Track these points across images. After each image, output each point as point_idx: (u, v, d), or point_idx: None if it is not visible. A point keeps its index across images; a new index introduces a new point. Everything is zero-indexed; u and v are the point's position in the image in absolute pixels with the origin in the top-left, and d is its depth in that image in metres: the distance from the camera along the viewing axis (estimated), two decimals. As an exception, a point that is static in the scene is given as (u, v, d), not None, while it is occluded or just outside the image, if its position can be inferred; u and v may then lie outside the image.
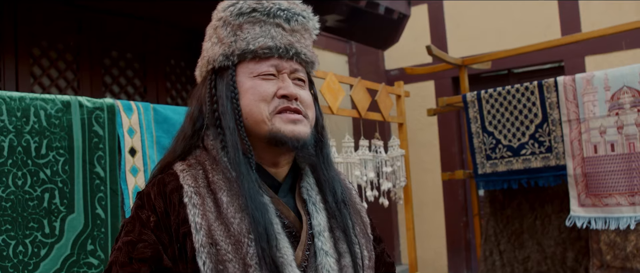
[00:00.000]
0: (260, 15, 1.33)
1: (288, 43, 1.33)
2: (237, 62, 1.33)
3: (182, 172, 1.27)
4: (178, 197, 1.23)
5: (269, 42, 1.31)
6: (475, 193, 4.07)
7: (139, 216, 1.24)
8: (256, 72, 1.31)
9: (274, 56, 1.31)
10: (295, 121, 1.29)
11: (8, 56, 3.71)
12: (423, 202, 6.34)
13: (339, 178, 1.44)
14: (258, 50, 1.31)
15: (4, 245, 1.85)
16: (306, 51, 1.36)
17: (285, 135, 1.27)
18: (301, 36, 1.36)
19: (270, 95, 1.30)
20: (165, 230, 1.21)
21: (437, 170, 6.23)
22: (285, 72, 1.32)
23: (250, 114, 1.29)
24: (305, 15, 1.38)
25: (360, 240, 1.37)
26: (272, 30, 1.32)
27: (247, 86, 1.31)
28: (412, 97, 5.79)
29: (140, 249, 1.18)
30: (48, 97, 2.01)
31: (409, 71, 4.45)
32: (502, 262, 3.78)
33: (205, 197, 1.23)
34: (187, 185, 1.24)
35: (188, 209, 1.21)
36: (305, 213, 1.32)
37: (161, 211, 1.23)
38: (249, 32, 1.32)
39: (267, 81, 1.31)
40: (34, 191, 1.93)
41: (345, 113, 3.65)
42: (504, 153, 3.54)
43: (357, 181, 3.65)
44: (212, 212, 1.21)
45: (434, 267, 6.33)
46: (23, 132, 1.93)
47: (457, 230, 6.24)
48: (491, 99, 3.59)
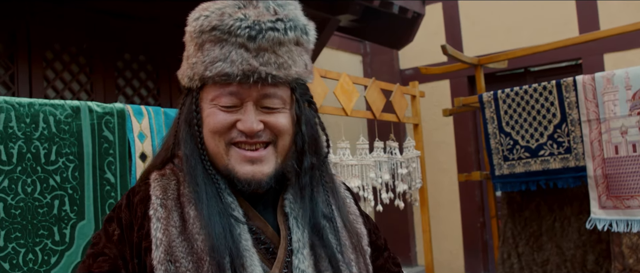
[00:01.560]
0: (220, 34, 1.16)
1: (248, 68, 1.15)
2: (200, 85, 1.22)
3: (154, 181, 1.22)
4: (143, 209, 1.18)
5: (226, 69, 1.15)
6: (492, 194, 4.00)
7: (106, 229, 1.21)
8: (216, 100, 1.19)
9: (233, 83, 1.16)
10: (252, 160, 1.18)
11: (21, 60, 3.71)
12: (439, 203, 6.27)
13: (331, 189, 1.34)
14: (215, 77, 1.16)
15: (14, 253, 1.83)
16: (276, 73, 1.17)
17: (237, 177, 1.18)
18: (272, 53, 1.17)
19: (225, 128, 1.18)
20: (127, 243, 1.17)
21: (453, 170, 6.16)
22: (248, 100, 1.18)
23: (208, 146, 1.21)
24: (279, 26, 1.17)
25: (348, 256, 1.26)
26: (233, 53, 1.15)
27: (206, 114, 1.21)
28: (427, 97, 5.73)
29: (99, 262, 1.15)
30: (57, 103, 1.98)
31: (424, 70, 4.39)
32: (520, 265, 3.71)
33: (171, 210, 1.17)
34: (155, 196, 1.18)
35: (152, 222, 1.15)
36: (285, 228, 1.23)
37: (126, 223, 1.18)
38: (208, 55, 1.17)
39: (226, 111, 1.19)
40: (43, 198, 1.91)
41: (359, 115, 3.60)
42: (521, 154, 3.47)
43: (372, 183, 3.60)
44: (177, 227, 1.15)
45: (450, 269, 6.26)
46: (32, 138, 1.90)
47: (473, 231, 6.16)
48: (508, 99, 3.52)
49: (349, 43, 6.47)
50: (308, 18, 1.27)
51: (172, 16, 4.38)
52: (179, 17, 4.53)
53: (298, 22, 1.22)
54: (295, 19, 1.21)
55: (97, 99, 4.07)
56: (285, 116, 1.23)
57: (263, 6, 1.18)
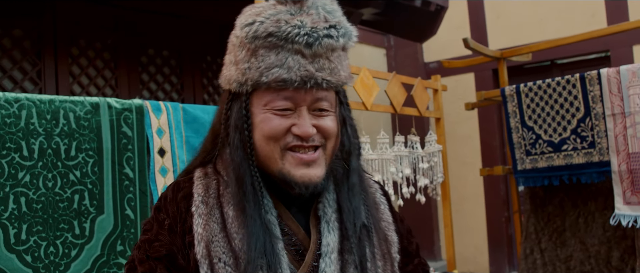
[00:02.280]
0: (276, 41, 1.17)
1: (306, 74, 1.17)
2: (251, 91, 1.21)
3: (197, 179, 1.26)
4: (186, 205, 1.22)
5: (283, 75, 1.16)
6: (515, 189, 3.96)
7: (157, 217, 1.24)
8: (269, 105, 1.19)
9: (290, 88, 1.18)
10: (308, 163, 1.20)
11: (48, 56, 3.79)
12: (463, 196, 6.22)
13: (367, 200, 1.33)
14: (271, 83, 1.17)
15: (36, 246, 1.88)
16: (330, 78, 1.20)
17: (294, 180, 1.19)
18: (326, 59, 1.19)
19: (281, 133, 1.19)
20: (177, 233, 1.21)
21: (477, 164, 6.10)
22: (302, 105, 1.20)
23: (261, 151, 1.21)
24: (333, 33, 1.19)
25: (376, 263, 1.27)
26: (290, 59, 1.17)
27: (259, 119, 1.20)
28: (451, 90, 5.69)
29: (156, 247, 1.19)
30: (77, 100, 2.02)
31: (446, 64, 4.35)
32: (543, 261, 3.67)
33: (213, 208, 1.20)
34: (197, 193, 1.22)
35: (194, 218, 1.19)
36: (317, 232, 1.24)
37: (173, 215, 1.22)
38: (263, 60, 1.18)
39: (281, 116, 1.19)
40: (64, 192, 1.96)
41: (380, 109, 3.59)
42: (544, 149, 3.42)
43: (393, 177, 3.60)
44: (218, 223, 1.18)
45: (475, 263, 6.22)
46: (53, 134, 1.95)
47: (498, 225, 6.11)
48: (531, 93, 3.47)
49: (373, 36, 6.45)
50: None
51: (195, 11, 4.43)
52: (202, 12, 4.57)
53: (347, 28, 1.24)
54: (345, 26, 1.24)
55: (121, 94, 4.14)
56: (333, 119, 1.25)
57: (315, 12, 1.20)
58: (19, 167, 1.86)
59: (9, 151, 1.85)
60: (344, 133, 1.29)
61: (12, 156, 1.85)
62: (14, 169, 1.85)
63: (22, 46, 3.71)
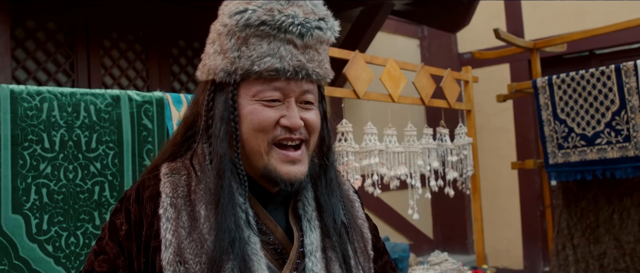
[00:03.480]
0: (269, 30, 1.15)
1: (298, 65, 1.17)
2: (239, 80, 1.18)
3: (164, 176, 1.20)
4: (153, 207, 1.16)
5: (276, 64, 1.15)
6: (546, 183, 3.86)
7: (113, 222, 1.19)
8: (259, 96, 1.17)
9: (281, 78, 1.16)
10: (294, 161, 1.18)
11: (80, 48, 3.86)
12: (497, 189, 6.12)
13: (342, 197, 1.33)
14: (263, 72, 1.15)
15: (57, 236, 1.92)
16: (319, 70, 1.21)
17: (280, 176, 1.17)
18: (315, 51, 1.20)
19: (270, 125, 1.17)
20: (135, 239, 1.16)
21: (512, 157, 5.98)
22: (291, 96, 1.18)
23: (248, 143, 1.18)
24: (323, 26, 1.20)
25: (359, 259, 1.27)
26: (282, 49, 1.16)
27: (247, 110, 1.18)
28: (486, 81, 5.58)
29: (100, 262, 1.16)
30: (98, 92, 2.05)
31: (478, 55, 4.27)
32: (575, 257, 3.58)
33: (181, 210, 1.15)
34: (165, 194, 1.17)
35: (161, 222, 1.14)
36: (298, 230, 1.23)
37: (135, 219, 1.17)
38: (255, 49, 1.16)
39: (270, 107, 1.17)
40: (84, 184, 1.99)
41: (407, 101, 3.54)
42: (577, 142, 3.33)
43: (420, 170, 3.55)
44: (186, 228, 1.13)
45: (508, 257, 6.12)
46: (74, 127, 1.98)
47: (533, 219, 5.98)
48: (563, 85, 3.38)
49: (406, 27, 6.36)
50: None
51: (224, 3, 4.44)
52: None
53: (334, 23, 1.24)
54: (332, 20, 1.24)
55: (152, 86, 4.19)
56: (316, 113, 1.24)
57: (304, 4, 1.20)
58: (40, 159, 1.90)
59: (31, 143, 1.89)
60: (324, 127, 1.29)
61: (33, 148, 1.89)
62: (35, 160, 1.89)
63: (55, 39, 3.78)
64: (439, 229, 6.44)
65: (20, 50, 3.63)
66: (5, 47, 3.42)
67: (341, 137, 3.08)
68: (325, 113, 1.30)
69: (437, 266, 3.77)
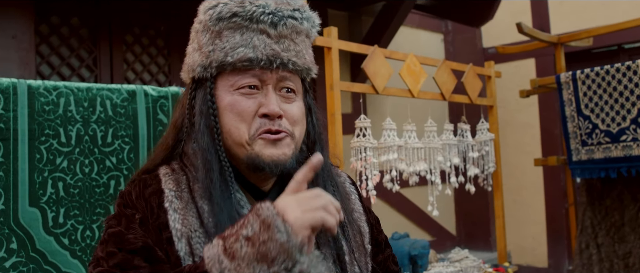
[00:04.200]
0: (241, 21, 1.17)
1: (272, 53, 1.17)
2: (215, 74, 1.20)
3: (164, 176, 1.20)
4: (157, 201, 1.15)
5: (249, 54, 1.16)
6: (570, 180, 3.79)
7: (124, 212, 1.16)
8: (236, 85, 1.18)
9: (255, 68, 1.17)
10: (275, 142, 1.17)
11: (103, 43, 3.91)
12: (522, 186, 6.03)
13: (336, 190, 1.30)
14: (237, 62, 1.16)
15: (73, 229, 1.94)
16: (296, 59, 1.21)
17: (263, 160, 1.16)
18: (291, 41, 1.20)
19: (250, 115, 1.17)
20: (150, 230, 1.13)
21: (537, 153, 5.89)
22: (269, 83, 1.19)
23: (229, 135, 1.18)
24: (297, 15, 1.21)
25: (354, 254, 1.25)
26: (255, 39, 1.17)
27: (226, 102, 1.18)
28: (511, 76, 5.50)
29: (130, 240, 1.10)
30: (114, 88, 2.07)
31: (501, 50, 4.21)
32: (599, 256, 3.51)
33: (188, 202, 1.15)
34: (168, 188, 1.17)
35: (169, 214, 1.13)
36: None
37: (143, 212, 1.15)
38: (227, 41, 1.17)
39: (248, 96, 1.18)
40: (100, 178, 2.01)
41: (427, 96, 3.51)
42: (601, 139, 3.26)
43: (440, 166, 3.52)
44: (196, 218, 1.14)
45: (532, 255, 6.03)
46: (90, 121, 2.00)
47: (558, 216, 5.88)
48: (588, 80, 3.31)
49: (430, 21, 6.30)
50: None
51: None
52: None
53: (310, 14, 1.25)
54: (308, 11, 1.25)
55: (174, 81, 4.22)
56: (299, 105, 1.24)
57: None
58: (57, 153, 1.93)
59: (48, 137, 1.91)
60: (309, 121, 1.29)
61: (50, 142, 1.92)
62: (52, 155, 1.92)
63: (79, 34, 3.83)
64: (462, 225, 6.38)
65: (44, 45, 3.68)
66: (30, 43, 3.47)
67: (359, 132, 3.07)
68: (310, 107, 1.30)
69: (457, 263, 3.73)
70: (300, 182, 1.06)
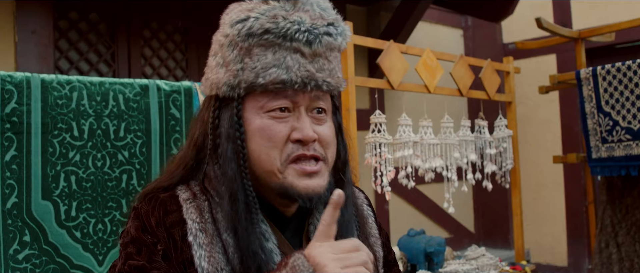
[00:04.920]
0: (274, 38, 1.07)
1: (306, 75, 1.08)
2: (243, 94, 1.11)
3: (186, 202, 1.12)
4: (180, 233, 1.08)
5: (282, 75, 1.07)
6: (589, 178, 3.73)
7: (144, 239, 1.08)
8: (266, 107, 1.09)
9: (288, 91, 1.09)
10: (311, 174, 1.10)
11: (121, 39, 3.93)
12: (541, 184, 5.95)
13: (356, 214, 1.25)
14: (268, 84, 1.08)
15: (85, 223, 1.96)
16: (330, 80, 1.12)
17: (298, 192, 1.08)
18: (325, 59, 1.12)
19: (282, 140, 1.09)
20: (173, 264, 1.06)
21: (556, 150, 5.80)
22: (301, 105, 1.10)
23: (259, 162, 1.10)
24: (332, 31, 1.11)
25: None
26: (288, 58, 1.08)
27: (256, 126, 1.10)
28: (531, 72, 5.42)
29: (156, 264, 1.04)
30: (126, 82, 2.07)
31: (520, 45, 4.15)
32: (619, 256, 3.45)
33: (213, 236, 1.08)
34: (191, 220, 1.09)
35: (193, 249, 1.06)
36: None
37: (165, 242, 1.08)
38: (259, 60, 1.08)
39: (279, 120, 1.10)
40: (112, 172, 2.02)
41: (444, 92, 3.47)
42: (622, 136, 3.19)
43: (457, 163, 3.48)
44: (222, 254, 1.07)
45: (552, 253, 5.95)
46: (102, 115, 2.01)
47: (578, 215, 5.79)
48: (609, 76, 3.24)
49: (449, 16, 6.24)
50: None
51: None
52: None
53: (344, 27, 1.17)
54: (342, 25, 1.16)
55: (191, 76, 4.24)
56: (330, 126, 1.17)
57: (310, 9, 1.12)
58: (69, 147, 1.94)
59: (61, 131, 1.93)
60: (339, 141, 1.21)
61: (63, 136, 1.93)
62: (65, 148, 1.93)
63: (97, 30, 3.86)
64: (481, 223, 6.32)
65: (63, 40, 3.72)
66: (49, 38, 3.51)
67: (375, 128, 3.05)
68: (340, 126, 1.22)
69: (473, 261, 3.70)
70: (329, 225, 1.00)
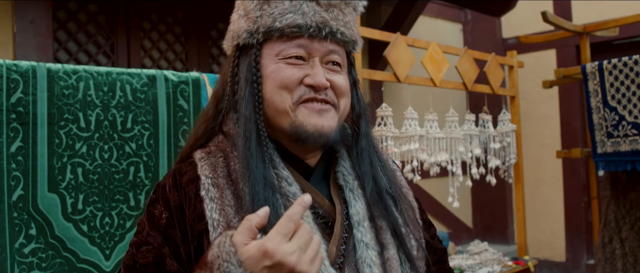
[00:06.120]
0: None
1: (321, 21, 1.14)
2: (262, 40, 1.16)
3: (200, 160, 1.15)
4: (194, 190, 1.11)
5: (298, 20, 1.13)
6: (593, 173, 3.71)
7: (151, 213, 1.14)
8: (282, 54, 1.15)
9: (304, 35, 1.14)
10: (320, 111, 1.14)
11: (120, 30, 3.87)
12: (540, 179, 5.94)
13: (381, 164, 1.27)
14: (285, 28, 1.13)
15: (92, 216, 1.91)
16: (344, 29, 1.18)
17: (307, 130, 1.12)
18: (340, 10, 1.17)
19: (294, 82, 1.13)
20: (178, 226, 1.10)
21: (556, 146, 5.79)
22: (316, 55, 1.15)
23: (272, 103, 1.14)
24: None
25: (409, 227, 1.21)
26: (304, 5, 1.14)
27: (270, 70, 1.15)
28: (531, 67, 5.40)
29: (143, 252, 1.09)
30: (134, 72, 2.03)
31: (523, 39, 4.12)
32: (623, 251, 3.43)
33: (224, 189, 1.10)
34: (205, 175, 1.11)
35: (205, 203, 1.08)
36: (341, 202, 1.18)
37: (175, 205, 1.11)
38: (276, 7, 1.14)
39: (294, 65, 1.14)
40: (119, 164, 1.97)
41: (449, 86, 3.44)
42: (628, 131, 3.17)
43: (461, 157, 3.45)
44: (232, 206, 1.08)
45: (550, 249, 5.95)
46: (109, 106, 1.96)
47: (577, 210, 5.79)
48: (615, 71, 3.22)
49: (449, 10, 6.21)
50: None
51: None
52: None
53: None
54: None
55: (191, 68, 4.19)
56: (345, 78, 1.21)
57: None
58: (76, 138, 1.89)
59: (67, 122, 1.88)
60: (354, 95, 1.26)
61: (69, 127, 1.88)
62: (71, 140, 1.88)
63: (96, 21, 3.80)
64: (479, 218, 6.31)
65: (62, 31, 3.65)
66: (48, 29, 3.45)
67: (381, 121, 3.01)
68: (355, 81, 1.27)
69: (476, 256, 3.68)
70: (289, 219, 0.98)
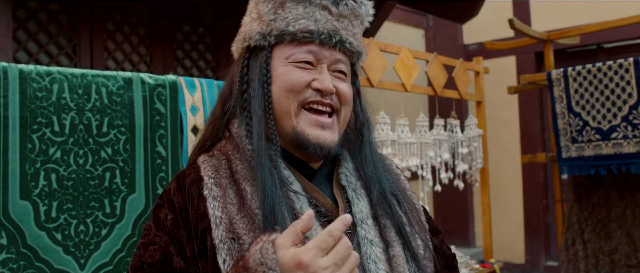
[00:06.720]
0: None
1: (332, 29, 1.20)
2: (274, 43, 1.21)
3: (203, 163, 1.19)
4: (197, 190, 1.14)
5: (310, 26, 1.18)
6: (557, 177, 3.80)
7: (157, 216, 1.17)
8: (291, 58, 1.20)
9: (315, 41, 1.19)
10: (323, 126, 1.18)
11: (83, 31, 3.76)
12: (500, 183, 6.06)
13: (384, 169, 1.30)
14: (297, 33, 1.19)
15: (66, 224, 1.83)
16: (352, 40, 1.23)
17: (308, 140, 1.17)
18: (349, 22, 1.23)
19: (302, 85, 1.18)
20: (183, 226, 1.13)
21: (516, 150, 5.93)
22: (324, 62, 1.20)
23: (278, 104, 1.19)
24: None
25: (414, 227, 1.24)
26: (317, 13, 1.20)
27: (280, 72, 1.20)
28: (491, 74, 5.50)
29: (150, 252, 1.12)
30: (110, 75, 1.96)
31: (489, 46, 4.19)
32: (585, 253, 3.53)
33: (226, 188, 1.13)
34: (207, 176, 1.15)
35: (208, 202, 1.11)
36: (344, 201, 1.21)
37: (180, 206, 1.15)
38: (290, 12, 1.20)
39: (302, 69, 1.19)
40: (95, 170, 1.90)
41: (420, 91, 3.47)
42: (591, 136, 3.26)
43: (431, 162, 3.48)
44: (234, 204, 1.10)
45: (510, 251, 6.08)
46: (84, 110, 1.89)
47: (536, 214, 5.94)
48: (579, 78, 3.31)
49: (412, 16, 6.28)
50: None
51: (230, -12, 4.34)
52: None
53: (367, 2, 1.29)
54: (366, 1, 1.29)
55: (155, 71, 4.09)
56: (349, 87, 1.25)
57: None
58: (50, 142, 1.81)
59: (40, 126, 1.80)
60: (357, 104, 1.31)
61: (43, 131, 1.80)
62: (45, 144, 1.80)
63: (58, 21, 3.68)
64: (440, 221, 6.39)
65: (21, 31, 3.52)
66: (7, 28, 3.31)
67: (353, 126, 3.01)
68: (358, 91, 1.32)
69: (445, 259, 3.71)
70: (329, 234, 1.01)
